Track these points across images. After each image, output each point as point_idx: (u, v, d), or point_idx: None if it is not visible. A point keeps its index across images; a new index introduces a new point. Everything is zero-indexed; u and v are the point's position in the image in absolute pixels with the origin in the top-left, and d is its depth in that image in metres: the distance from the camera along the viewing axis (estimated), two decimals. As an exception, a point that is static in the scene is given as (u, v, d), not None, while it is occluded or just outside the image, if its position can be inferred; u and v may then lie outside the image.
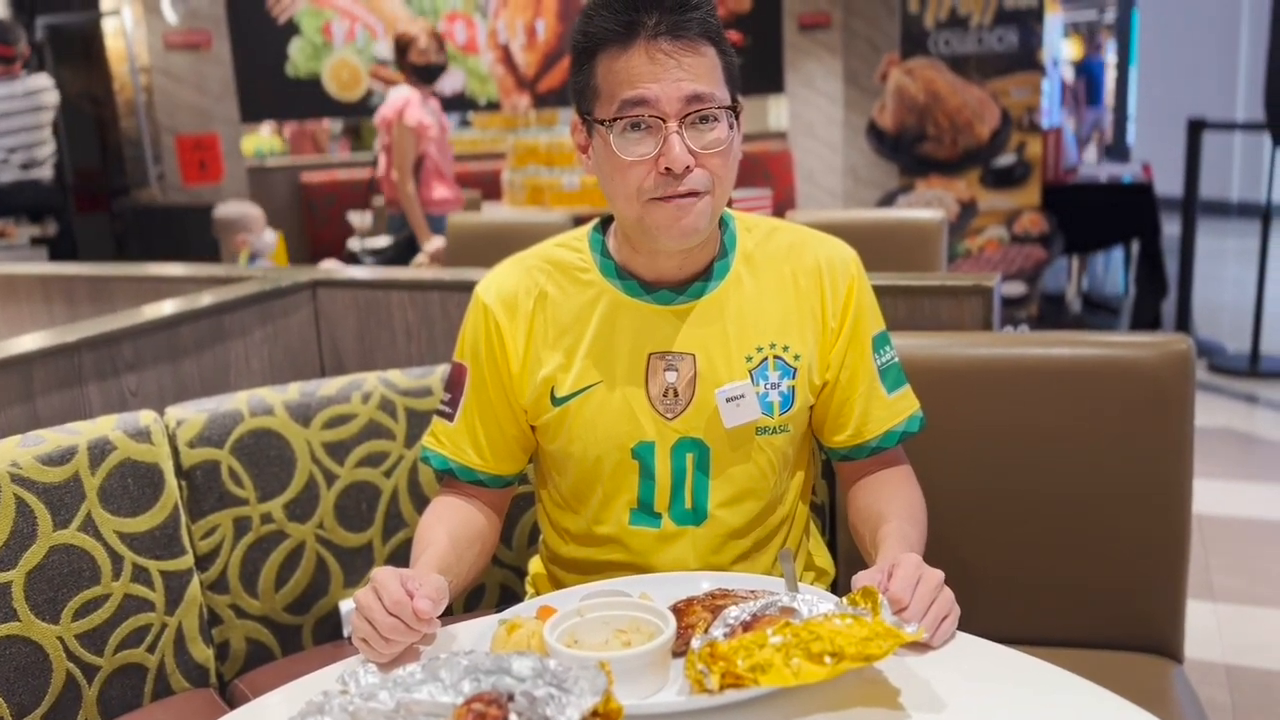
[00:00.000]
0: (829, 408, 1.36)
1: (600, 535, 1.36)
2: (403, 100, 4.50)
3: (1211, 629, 2.71)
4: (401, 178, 4.47)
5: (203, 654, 1.60)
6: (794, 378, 1.31)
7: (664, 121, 1.18)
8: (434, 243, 4.45)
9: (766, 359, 1.30)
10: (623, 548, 1.35)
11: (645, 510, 1.33)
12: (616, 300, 1.30)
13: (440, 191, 4.62)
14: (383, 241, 4.88)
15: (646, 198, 1.21)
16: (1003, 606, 1.57)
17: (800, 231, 1.37)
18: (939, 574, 1.09)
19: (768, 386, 1.30)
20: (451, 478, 1.38)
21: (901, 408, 1.37)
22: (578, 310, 1.32)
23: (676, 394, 1.29)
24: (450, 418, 1.37)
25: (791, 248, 1.34)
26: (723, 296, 1.30)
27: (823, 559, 1.51)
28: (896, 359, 1.38)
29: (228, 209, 4.66)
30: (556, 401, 1.31)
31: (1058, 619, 1.58)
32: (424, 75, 4.54)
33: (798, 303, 1.32)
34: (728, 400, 1.27)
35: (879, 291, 1.49)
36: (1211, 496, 3.41)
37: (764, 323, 1.31)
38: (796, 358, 1.31)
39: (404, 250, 4.63)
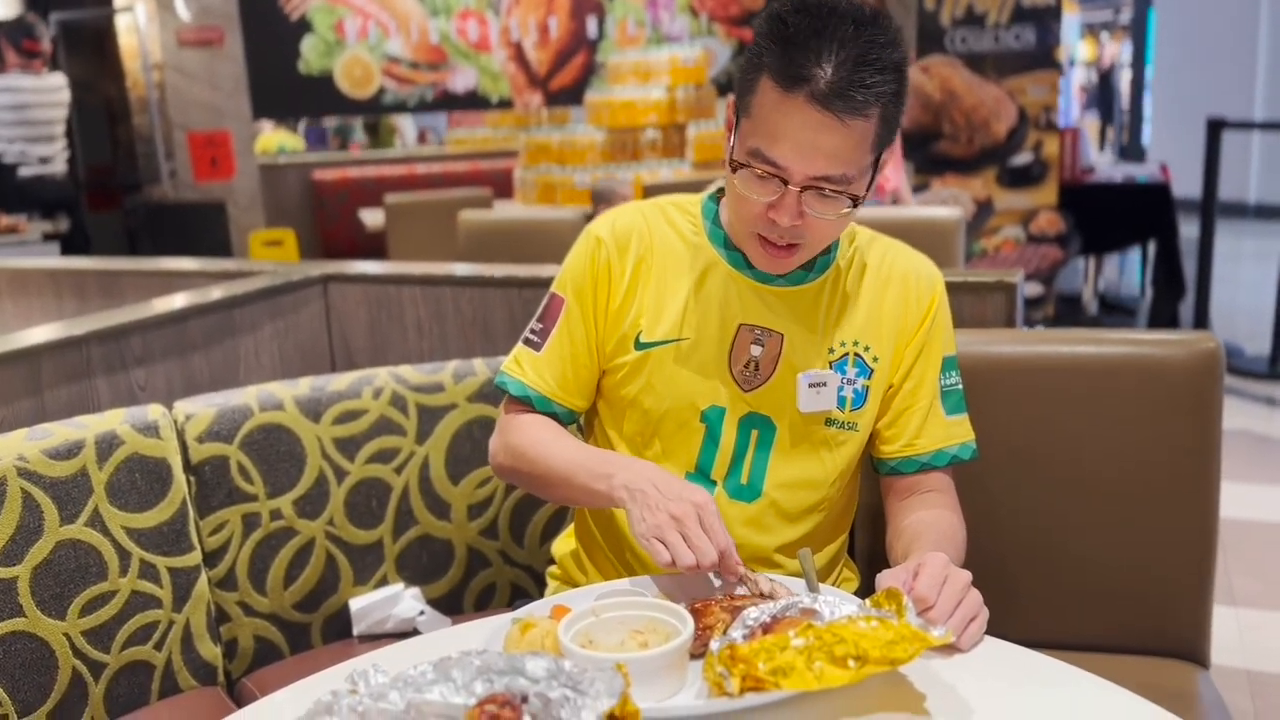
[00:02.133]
0: (887, 414, 1.37)
1: None
2: None
3: (1233, 634, 2.67)
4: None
5: (210, 652, 1.58)
6: (869, 378, 1.34)
7: (786, 183, 1.18)
8: None
9: (847, 355, 1.33)
10: None
11: (702, 475, 1.35)
12: (719, 267, 1.33)
13: None
14: None
15: (751, 229, 1.25)
16: (1026, 609, 1.54)
17: (896, 246, 1.41)
18: (967, 574, 1.07)
19: (844, 381, 1.33)
20: (528, 405, 1.38)
21: (957, 432, 1.37)
22: (682, 267, 1.34)
23: (758, 368, 1.32)
24: (538, 347, 1.37)
25: (885, 256, 1.38)
26: (819, 288, 1.33)
27: (853, 566, 1.50)
28: (961, 387, 1.39)
29: (599, 187, 4.66)
30: (640, 346, 1.33)
31: (1082, 622, 1.55)
32: None
33: (883, 308, 1.35)
34: (810, 385, 1.31)
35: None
36: (1231, 500, 3.35)
37: (852, 320, 1.34)
38: (875, 359, 1.34)
39: None
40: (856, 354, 1.33)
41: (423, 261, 2.44)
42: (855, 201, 1.20)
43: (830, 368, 1.32)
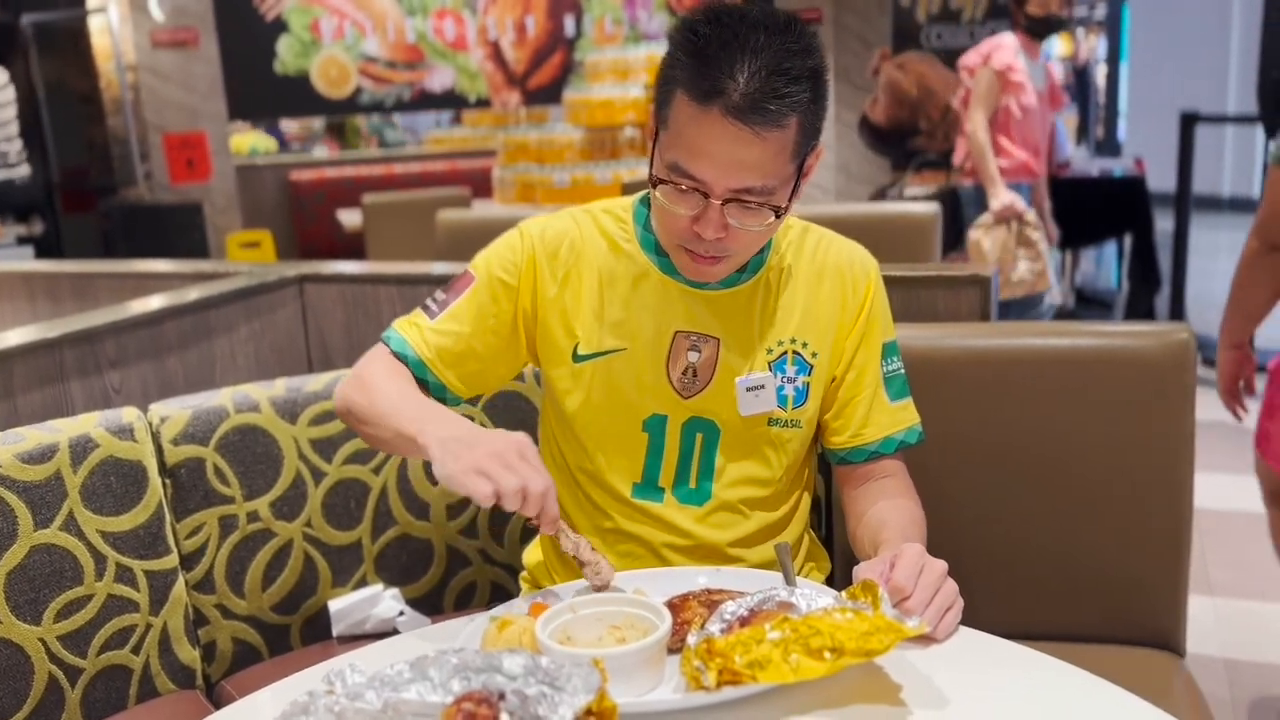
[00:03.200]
0: (832, 406, 1.37)
1: (600, 506, 1.36)
2: (994, 44, 4.02)
3: (1210, 624, 2.69)
4: (974, 120, 3.91)
5: (189, 655, 1.57)
6: (810, 374, 1.34)
7: (708, 196, 1.17)
8: (1002, 198, 3.83)
9: (786, 353, 1.33)
10: (626, 520, 1.35)
11: (649, 485, 1.34)
12: (652, 274, 1.31)
13: (1009, 156, 4.02)
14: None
15: (676, 242, 1.24)
16: (1001, 600, 1.55)
17: (829, 236, 1.39)
18: (942, 564, 1.07)
19: (784, 380, 1.32)
20: (404, 365, 1.33)
21: (902, 417, 1.37)
22: (613, 275, 1.32)
23: (696, 374, 1.31)
24: (433, 315, 1.33)
25: (819, 248, 1.36)
26: (753, 289, 1.32)
27: (819, 555, 1.49)
28: (903, 371, 1.39)
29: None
30: (578, 358, 1.32)
31: (1058, 613, 1.56)
32: (1038, 28, 4.02)
33: (819, 302, 1.34)
34: (748, 390, 1.30)
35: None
36: (1207, 491, 3.39)
37: (788, 319, 1.33)
38: (814, 355, 1.34)
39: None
40: (795, 352, 1.33)
41: (401, 261, 2.43)
42: (778, 212, 1.18)
43: (768, 368, 1.31)
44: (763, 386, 1.30)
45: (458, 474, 1.08)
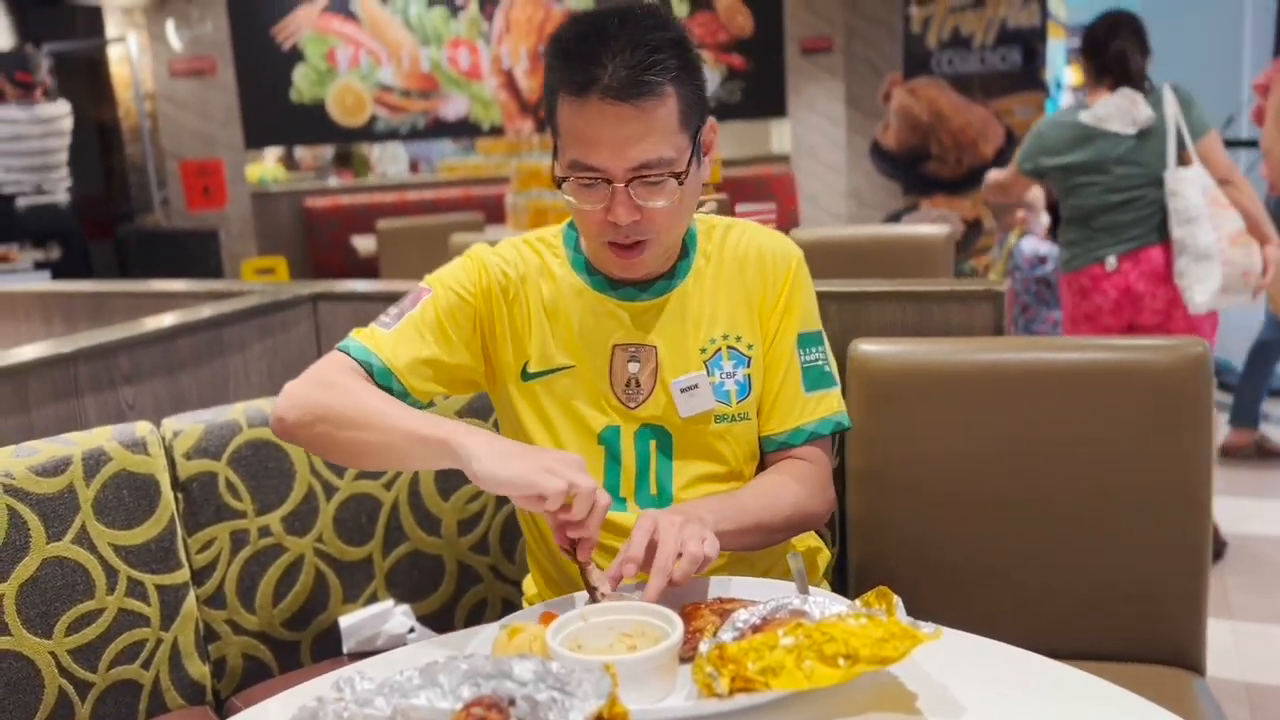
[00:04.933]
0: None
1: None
2: None
3: (1230, 647, 2.66)
4: (1270, 136, 3.53)
5: (199, 671, 1.56)
6: (749, 366, 1.36)
7: (611, 182, 1.21)
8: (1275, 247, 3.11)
9: (720, 350, 1.35)
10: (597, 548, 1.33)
11: (611, 496, 1.33)
12: (585, 294, 1.35)
13: None
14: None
15: (599, 240, 1.28)
16: (1017, 618, 1.53)
17: (752, 229, 1.42)
18: (678, 517, 1.12)
19: (723, 376, 1.35)
20: (366, 374, 1.31)
21: (817, 408, 1.38)
22: (553, 297, 1.35)
23: (639, 384, 1.33)
24: (389, 326, 1.34)
25: (740, 242, 1.39)
26: (683, 293, 1.35)
27: (811, 539, 1.49)
28: (823, 363, 1.40)
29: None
30: (527, 376, 1.35)
31: (1075, 631, 1.54)
32: None
33: (745, 294, 1.37)
34: (682, 391, 1.33)
35: (888, 298, 1.47)
36: (1226, 514, 3.36)
37: (718, 315, 1.36)
38: (750, 347, 1.36)
39: None
40: (730, 347, 1.35)
41: (414, 281, 2.44)
42: (680, 179, 1.22)
43: (705, 366, 1.34)
44: (696, 386, 1.33)
45: (527, 473, 1.09)
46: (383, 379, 1.31)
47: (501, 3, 8.21)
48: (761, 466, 1.41)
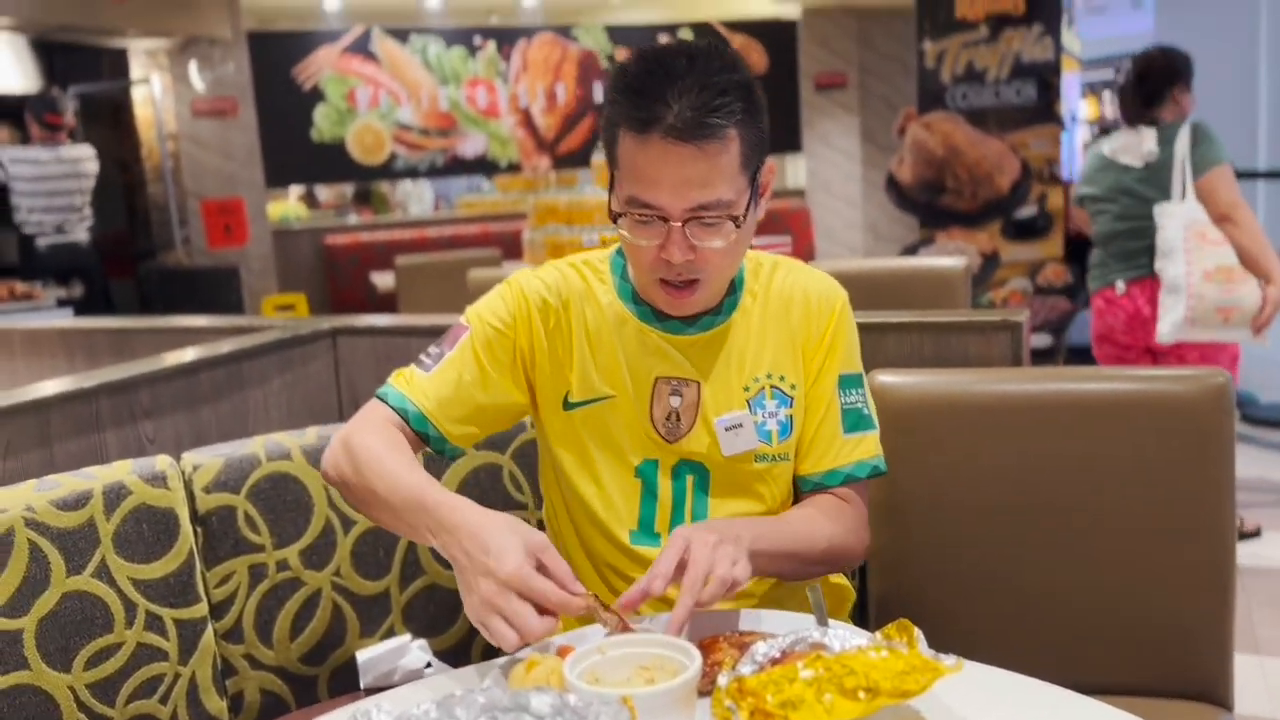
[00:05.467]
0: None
1: (600, 555, 1.37)
2: None
3: (1258, 684, 2.61)
4: None
5: (216, 706, 1.56)
6: (791, 406, 1.35)
7: (667, 220, 1.20)
8: None
9: (764, 389, 1.34)
10: (627, 565, 1.35)
11: (645, 531, 1.34)
12: (630, 323, 1.34)
13: None
14: None
15: (651, 276, 1.27)
16: (1039, 652, 1.51)
17: (798, 268, 1.42)
18: (713, 535, 1.10)
19: (765, 415, 1.34)
20: (403, 421, 1.32)
21: (854, 451, 1.37)
22: (599, 325, 1.35)
23: (679, 418, 1.32)
24: (428, 369, 1.34)
25: (786, 282, 1.39)
26: (729, 330, 1.35)
27: (839, 577, 1.48)
28: (863, 405, 1.38)
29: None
30: (568, 405, 1.34)
31: (1098, 666, 1.52)
32: None
33: (790, 334, 1.37)
34: (726, 429, 1.32)
35: (907, 329, 1.47)
36: (1251, 548, 3.32)
37: (762, 355, 1.35)
38: (793, 387, 1.35)
39: None
40: (773, 386, 1.34)
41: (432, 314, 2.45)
42: (738, 222, 1.22)
43: (747, 406, 1.33)
44: (741, 425, 1.32)
45: (472, 616, 1.08)
46: (419, 426, 1.32)
47: (519, 43, 8.31)
48: (798, 500, 1.40)
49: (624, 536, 1.35)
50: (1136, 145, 3.21)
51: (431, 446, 1.34)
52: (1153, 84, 3.28)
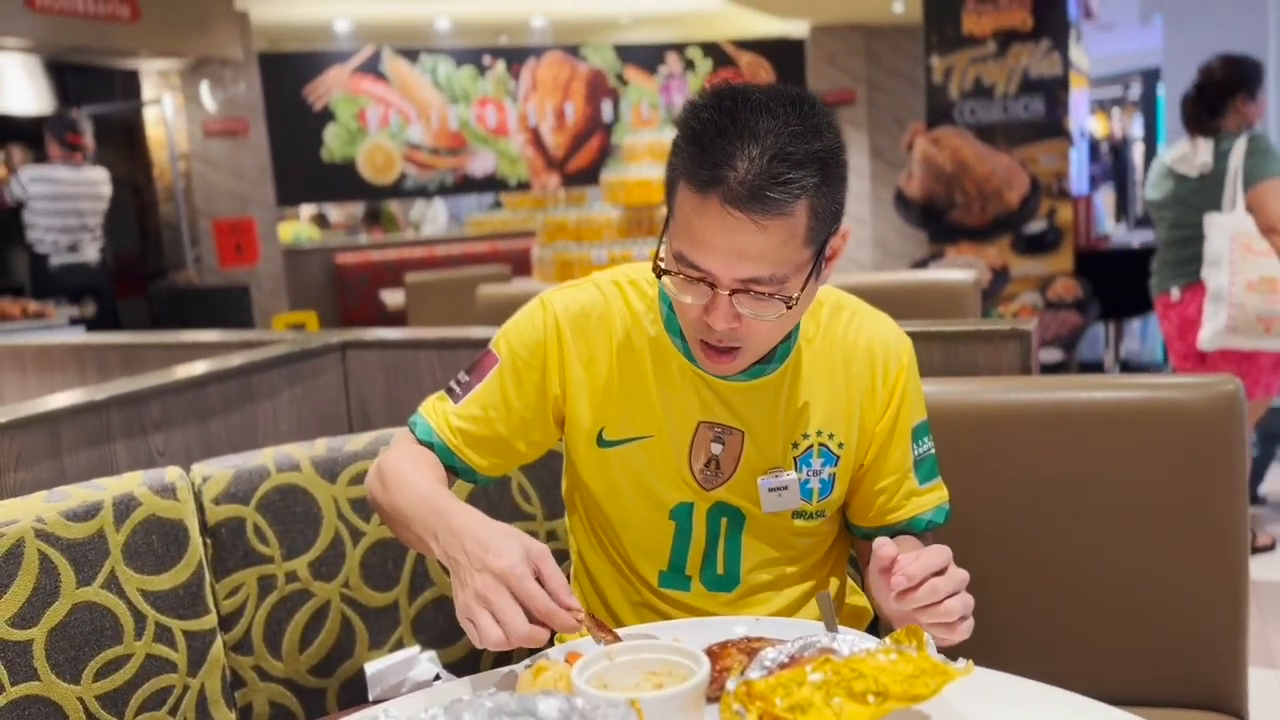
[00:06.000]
0: (858, 490, 1.33)
1: (629, 595, 1.35)
2: None
3: (1274, 697, 2.59)
4: None
5: (225, 717, 1.56)
6: (836, 465, 1.29)
7: (714, 286, 1.11)
8: None
9: (812, 447, 1.27)
10: (656, 601, 1.33)
11: (676, 572, 1.31)
12: (674, 359, 1.26)
13: None
14: None
15: (692, 334, 1.19)
16: (1051, 662, 1.50)
17: (862, 313, 1.32)
18: (964, 574, 1.06)
19: (810, 474, 1.28)
20: (430, 452, 1.31)
21: (930, 500, 1.33)
22: (641, 357, 1.27)
23: (719, 466, 1.26)
24: (457, 398, 1.30)
25: (849, 330, 1.30)
26: (780, 379, 1.26)
27: (859, 599, 1.47)
28: (933, 451, 1.34)
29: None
30: (603, 443, 1.28)
31: (1110, 676, 1.51)
32: None
33: (848, 389, 1.28)
34: (770, 489, 1.26)
35: (916, 338, 1.44)
36: (1265, 562, 3.30)
37: (814, 410, 1.27)
38: (841, 445, 1.29)
39: None
40: (822, 444, 1.27)
41: (441, 327, 2.46)
42: (789, 303, 1.12)
43: (794, 464, 1.26)
44: (786, 488, 1.26)
45: (461, 615, 1.06)
46: (446, 459, 1.30)
47: (528, 62, 8.37)
48: (866, 547, 1.30)
49: (653, 578, 1.32)
50: (1191, 156, 3.27)
51: (460, 477, 1.33)
52: (1212, 95, 3.32)
